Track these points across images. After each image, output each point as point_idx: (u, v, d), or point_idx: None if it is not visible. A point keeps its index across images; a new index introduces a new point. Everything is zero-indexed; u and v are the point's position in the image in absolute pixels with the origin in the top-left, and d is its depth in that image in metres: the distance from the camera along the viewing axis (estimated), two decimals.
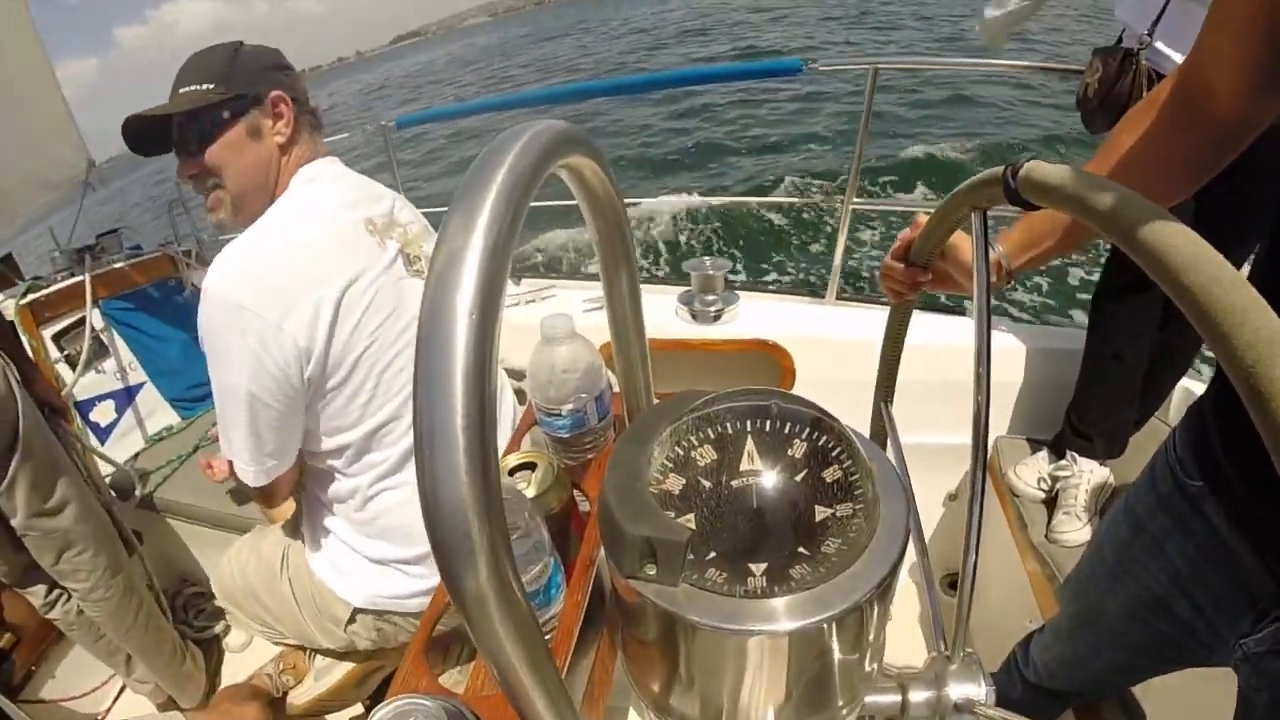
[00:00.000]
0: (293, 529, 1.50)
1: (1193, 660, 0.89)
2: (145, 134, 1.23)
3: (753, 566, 0.38)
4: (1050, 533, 1.62)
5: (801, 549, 0.39)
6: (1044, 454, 1.78)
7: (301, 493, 1.47)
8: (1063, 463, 1.70)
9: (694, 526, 0.39)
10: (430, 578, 1.29)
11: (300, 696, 1.69)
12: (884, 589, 0.39)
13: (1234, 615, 0.75)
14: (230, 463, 1.26)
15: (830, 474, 0.41)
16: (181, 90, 1.19)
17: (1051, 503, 1.69)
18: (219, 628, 2.19)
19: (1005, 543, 1.71)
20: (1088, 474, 1.64)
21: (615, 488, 0.40)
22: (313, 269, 1.14)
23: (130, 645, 1.70)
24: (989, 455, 1.88)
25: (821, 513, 0.40)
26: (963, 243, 0.83)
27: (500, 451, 0.83)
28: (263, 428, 1.17)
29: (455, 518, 0.27)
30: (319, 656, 1.69)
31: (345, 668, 1.65)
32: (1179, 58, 1.36)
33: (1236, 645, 0.75)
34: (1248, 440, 0.66)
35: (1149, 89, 1.39)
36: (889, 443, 0.76)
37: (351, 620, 1.39)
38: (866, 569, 0.39)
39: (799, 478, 0.41)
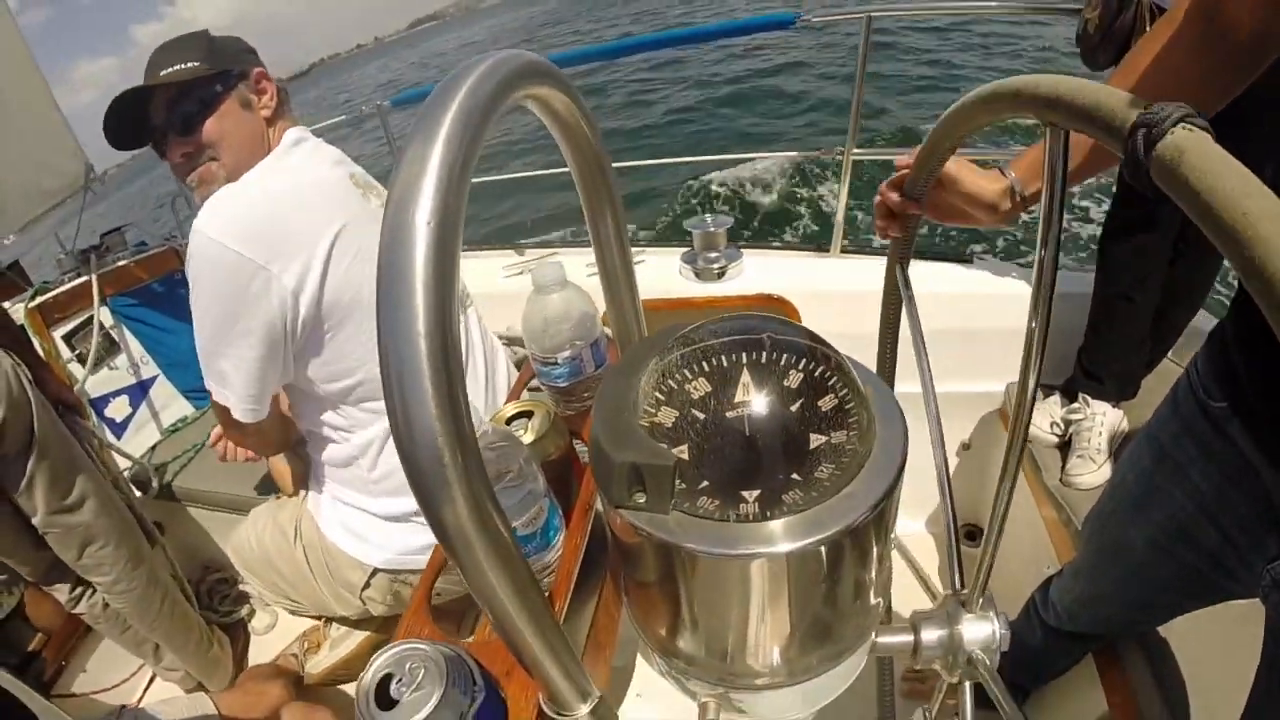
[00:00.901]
0: (307, 496, 1.52)
1: (1218, 592, 0.88)
2: (125, 124, 1.23)
3: (745, 493, 0.37)
4: (1065, 476, 1.60)
5: (794, 475, 0.38)
6: (1056, 398, 1.77)
7: (309, 462, 1.50)
8: (1075, 406, 1.68)
9: (686, 457, 0.38)
10: None
11: (316, 666, 1.72)
12: (880, 511, 0.38)
13: (1260, 538, 0.74)
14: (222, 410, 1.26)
15: (825, 402, 0.41)
16: (164, 72, 1.19)
17: (1065, 447, 1.68)
18: (244, 611, 2.22)
19: (1020, 489, 1.70)
20: (1101, 417, 1.63)
21: (603, 418, 0.40)
22: (302, 215, 1.15)
23: (157, 635, 1.73)
24: (1002, 403, 1.87)
25: (816, 440, 0.39)
26: (964, 172, 0.81)
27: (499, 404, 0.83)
28: (252, 367, 1.17)
29: (426, 443, 0.27)
30: (335, 626, 1.71)
31: (360, 636, 1.67)
32: None
33: (1265, 571, 0.73)
34: (1271, 360, 0.65)
35: (1151, 23, 1.36)
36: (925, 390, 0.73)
37: (366, 585, 1.41)
38: (861, 490, 0.38)
39: (794, 407, 0.40)
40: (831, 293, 1.95)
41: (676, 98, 11.62)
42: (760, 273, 2.03)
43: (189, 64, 1.19)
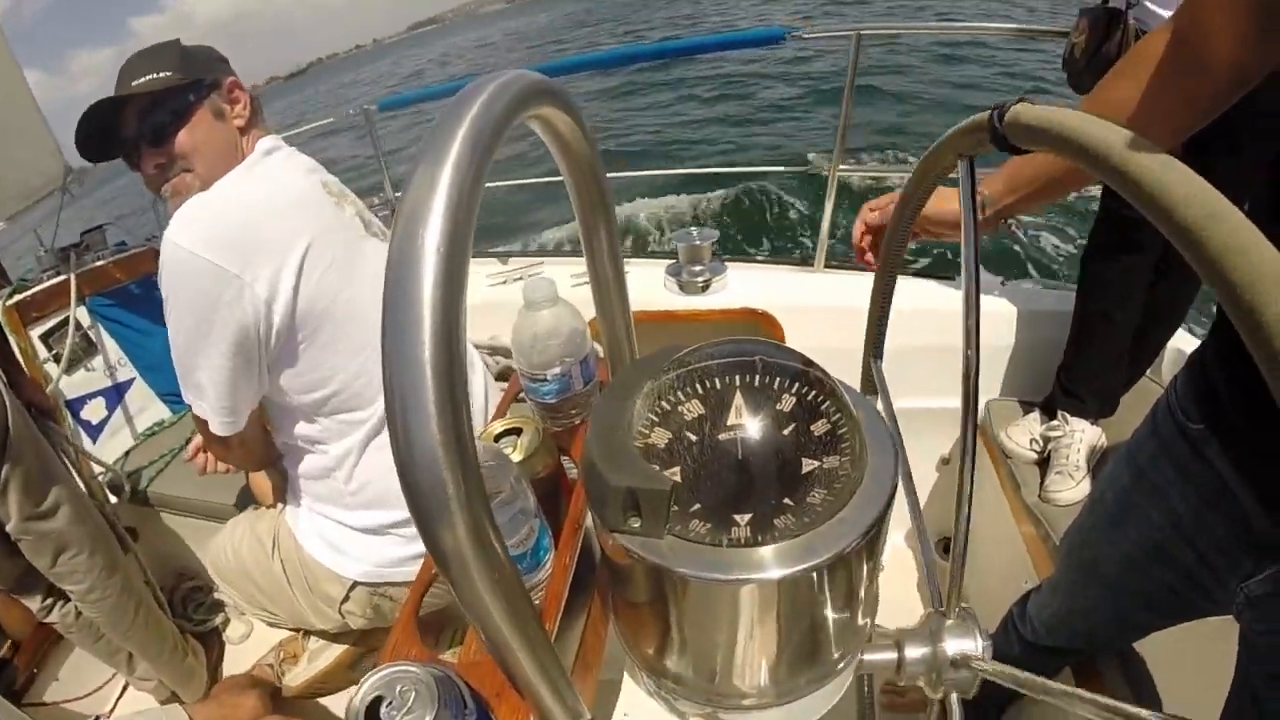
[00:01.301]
0: (285, 509, 1.51)
1: (1193, 609, 0.89)
2: (96, 135, 1.22)
3: (736, 517, 0.38)
4: (1044, 493, 1.62)
5: (787, 500, 0.38)
6: (1035, 415, 1.79)
7: (287, 475, 1.48)
8: (1054, 423, 1.70)
9: (679, 479, 0.39)
10: None
11: (294, 679, 1.70)
12: (872, 537, 0.39)
13: (1235, 559, 0.75)
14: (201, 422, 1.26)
15: (818, 427, 0.41)
16: (135, 82, 1.18)
17: (1044, 464, 1.70)
18: (219, 620, 2.19)
19: (999, 505, 1.72)
20: (1080, 434, 1.65)
21: (598, 441, 0.40)
22: (274, 224, 1.14)
23: (131, 644, 1.70)
24: (980, 418, 1.89)
25: (808, 465, 0.40)
26: (945, 189, 0.82)
27: (487, 421, 0.83)
28: (225, 378, 1.16)
29: (429, 469, 0.27)
30: (313, 639, 1.69)
31: (338, 650, 1.65)
32: (1167, 14, 1.34)
33: (1239, 589, 0.74)
34: (1251, 381, 0.66)
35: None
36: (879, 400, 0.75)
37: (345, 599, 1.39)
38: (853, 516, 0.39)
39: (786, 431, 0.41)
40: (815, 307, 1.96)
41: (664, 110, 11.67)
42: (744, 286, 2.03)
43: (161, 74, 1.17)
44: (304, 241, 1.15)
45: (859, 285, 1.99)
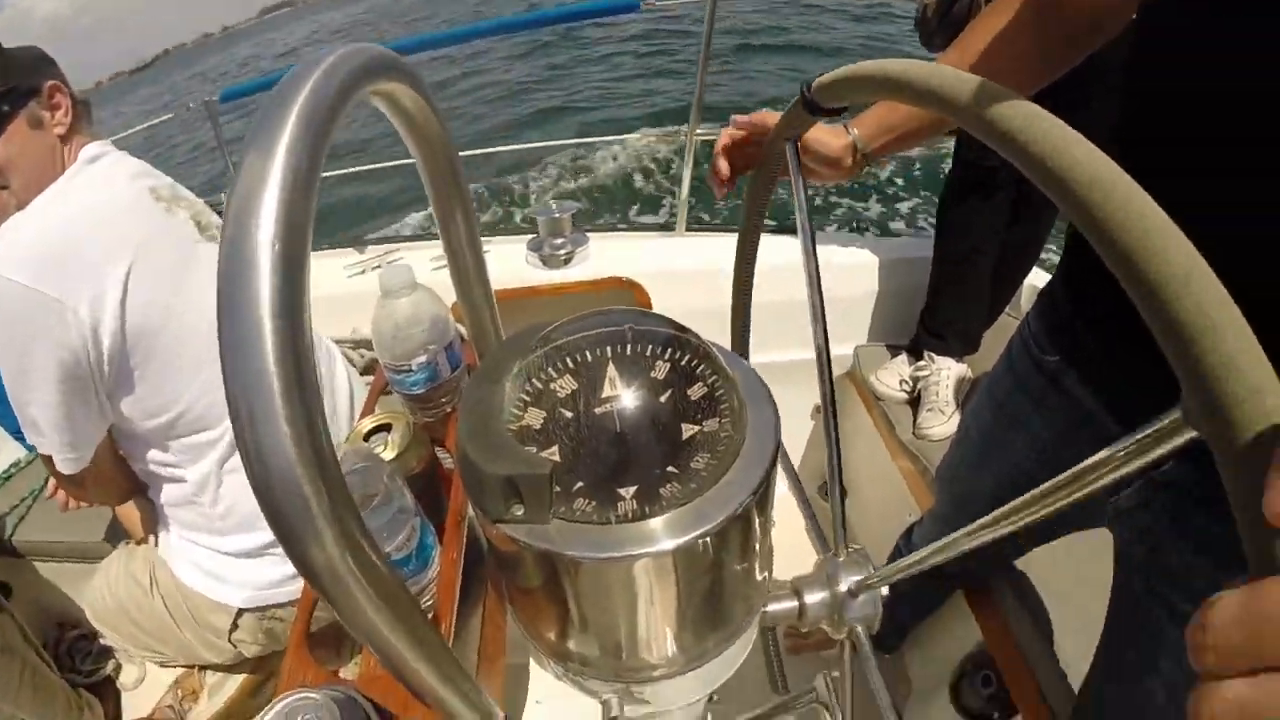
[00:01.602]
0: (158, 543, 1.41)
1: (1067, 524, 0.94)
2: None
3: (621, 491, 0.37)
4: (917, 430, 1.71)
5: (670, 468, 0.38)
6: (903, 357, 1.88)
7: (154, 506, 1.39)
8: (921, 363, 1.79)
9: (558, 459, 0.37)
10: None
11: (198, 718, 1.60)
12: (761, 495, 0.39)
13: None
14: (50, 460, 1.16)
15: (695, 391, 0.41)
16: None
17: (915, 402, 1.79)
18: (110, 668, 2.02)
19: (876, 446, 1.80)
20: (946, 371, 1.75)
21: (470, 430, 0.38)
22: (98, 238, 1.06)
23: (22, 710, 1.55)
24: (850, 365, 1.98)
25: (689, 430, 0.39)
26: (822, 134, 0.82)
27: (354, 420, 0.79)
28: (59, 412, 1.08)
29: (287, 488, 0.24)
30: (210, 672, 1.60)
31: (239, 679, 1.57)
32: None
33: (1109, 504, 0.79)
34: (1101, 309, 0.69)
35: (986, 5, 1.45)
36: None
37: (234, 628, 1.33)
38: (739, 477, 0.38)
39: (663, 398, 0.40)
40: (680, 272, 1.98)
41: (519, 82, 11.46)
42: (607, 256, 2.02)
43: None
44: (128, 256, 1.06)
45: (721, 246, 2.02)
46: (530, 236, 2.07)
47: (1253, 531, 0.23)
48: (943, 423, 1.68)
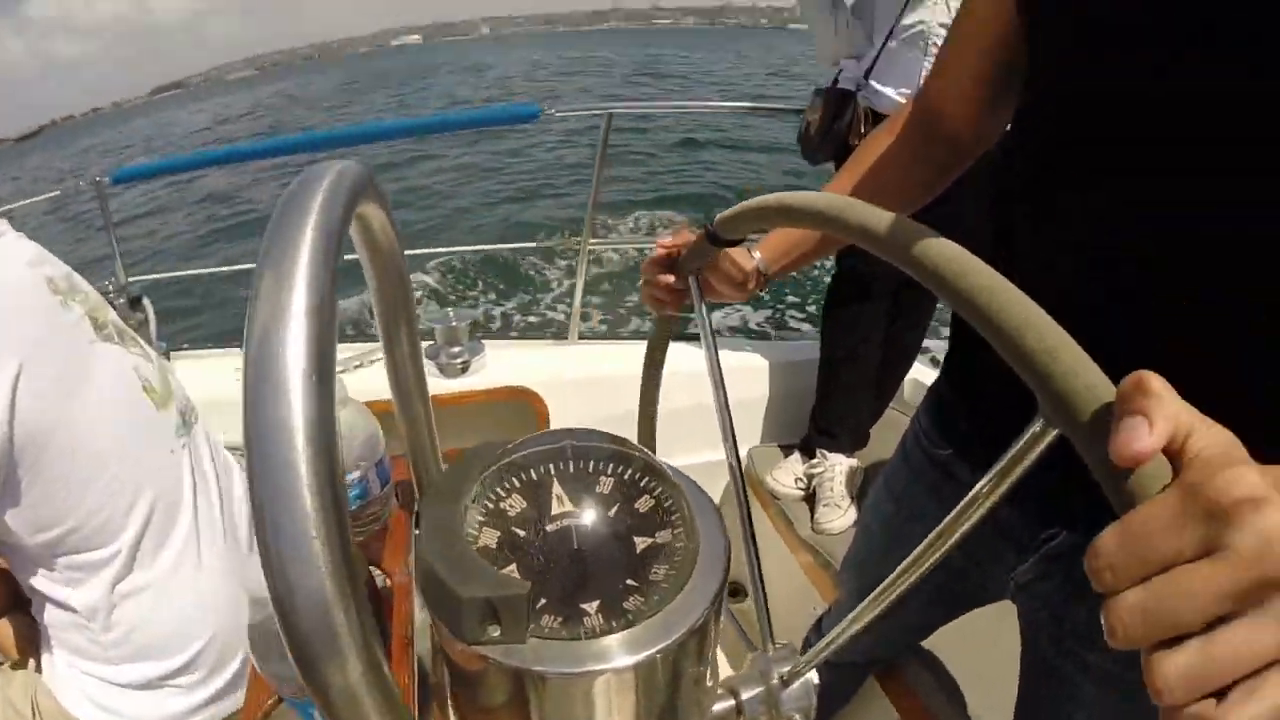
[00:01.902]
0: (42, 666, 1.24)
1: (972, 601, 0.98)
2: None
3: (585, 606, 0.37)
4: (815, 525, 1.77)
5: (630, 580, 0.39)
6: (796, 456, 1.95)
7: (38, 624, 1.22)
8: (814, 460, 1.86)
9: (518, 576, 0.38)
10: (210, 683, 1.15)
11: None
12: (718, 604, 0.40)
13: (1000, 554, 0.83)
14: None
15: (643, 504, 0.42)
16: None
17: (810, 499, 1.85)
18: None
19: (775, 544, 1.84)
20: (839, 466, 1.82)
21: (438, 553, 0.38)
22: None
23: None
24: (745, 465, 2.03)
25: (642, 542, 0.41)
26: (738, 256, 0.86)
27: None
28: None
29: (317, 617, 0.24)
30: None
31: None
32: (892, 93, 1.57)
33: (1008, 580, 0.83)
34: (985, 401, 0.74)
35: (866, 124, 1.60)
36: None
37: None
38: (701, 585, 0.40)
39: (612, 512, 0.41)
40: (574, 380, 1.99)
41: (417, 187, 11.51)
42: (503, 364, 2.02)
43: None
44: (17, 359, 0.97)
45: (613, 353, 2.07)
46: (428, 344, 2.05)
47: (1109, 482, 0.29)
48: (840, 516, 1.74)
